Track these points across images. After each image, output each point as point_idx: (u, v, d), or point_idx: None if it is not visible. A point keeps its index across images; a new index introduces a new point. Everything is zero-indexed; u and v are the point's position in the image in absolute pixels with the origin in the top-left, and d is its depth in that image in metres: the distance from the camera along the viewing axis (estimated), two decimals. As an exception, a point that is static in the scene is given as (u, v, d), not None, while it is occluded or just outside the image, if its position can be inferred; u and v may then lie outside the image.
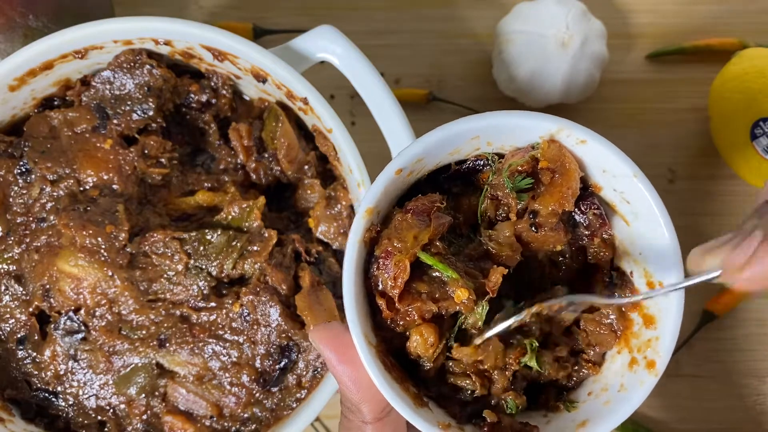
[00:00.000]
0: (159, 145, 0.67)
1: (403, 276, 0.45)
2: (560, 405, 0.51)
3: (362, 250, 0.47)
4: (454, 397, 0.49)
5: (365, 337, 0.45)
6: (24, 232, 0.65)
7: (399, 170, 0.48)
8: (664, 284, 0.49)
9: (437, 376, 0.49)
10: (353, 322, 0.45)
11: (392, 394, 0.45)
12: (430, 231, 0.47)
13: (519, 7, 0.79)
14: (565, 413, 0.51)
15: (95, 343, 0.64)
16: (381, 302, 0.46)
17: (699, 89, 0.85)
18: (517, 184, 0.49)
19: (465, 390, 0.49)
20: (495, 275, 0.47)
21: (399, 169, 0.48)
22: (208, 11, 0.86)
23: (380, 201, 0.48)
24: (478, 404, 0.49)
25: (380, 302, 0.46)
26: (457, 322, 0.48)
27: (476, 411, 0.49)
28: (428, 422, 0.46)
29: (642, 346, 0.49)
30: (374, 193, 0.47)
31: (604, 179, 0.50)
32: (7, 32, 0.68)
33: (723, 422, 0.80)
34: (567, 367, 0.51)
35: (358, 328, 0.45)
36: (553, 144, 0.49)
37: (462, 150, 0.51)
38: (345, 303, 0.46)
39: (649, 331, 0.49)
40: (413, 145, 0.48)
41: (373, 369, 0.45)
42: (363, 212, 0.47)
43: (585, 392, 0.51)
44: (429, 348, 0.46)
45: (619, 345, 0.51)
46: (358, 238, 0.47)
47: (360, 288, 0.47)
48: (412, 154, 0.48)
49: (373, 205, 0.47)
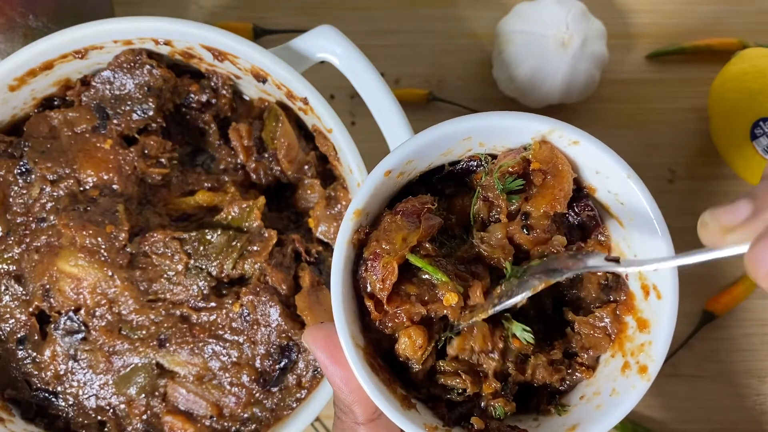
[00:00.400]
0: (159, 145, 0.67)
1: (391, 278, 0.45)
2: (551, 409, 0.51)
3: (350, 251, 0.47)
4: (442, 399, 0.49)
5: (352, 339, 0.45)
6: (24, 232, 0.65)
7: (388, 172, 0.47)
8: (659, 287, 0.48)
9: (426, 377, 0.49)
10: (340, 324, 0.45)
11: (379, 396, 0.45)
12: (419, 233, 0.46)
13: (519, 7, 0.79)
14: (556, 417, 0.50)
15: (95, 343, 0.64)
16: (369, 304, 0.46)
17: (699, 89, 0.85)
18: (507, 186, 0.48)
19: (455, 390, 0.48)
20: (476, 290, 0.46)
21: (388, 170, 0.47)
22: (208, 11, 0.86)
23: (369, 203, 0.48)
24: (466, 407, 0.49)
25: (368, 304, 0.46)
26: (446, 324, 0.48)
27: (464, 414, 0.49)
28: (415, 424, 0.45)
29: (635, 350, 0.49)
30: (363, 195, 0.47)
31: (598, 181, 0.50)
32: (7, 32, 0.68)
33: (723, 422, 0.80)
34: (561, 370, 0.50)
35: (346, 330, 0.45)
36: (544, 145, 0.48)
37: (454, 151, 0.50)
38: (333, 305, 0.45)
39: (642, 335, 0.49)
40: (402, 147, 0.48)
41: (359, 371, 0.45)
42: (351, 214, 0.47)
43: (577, 396, 0.51)
44: (417, 350, 0.46)
45: (612, 349, 0.51)
46: (346, 239, 0.47)
47: (348, 290, 0.47)
48: (401, 155, 0.47)
49: (361, 207, 0.47)
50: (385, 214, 0.48)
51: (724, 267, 0.82)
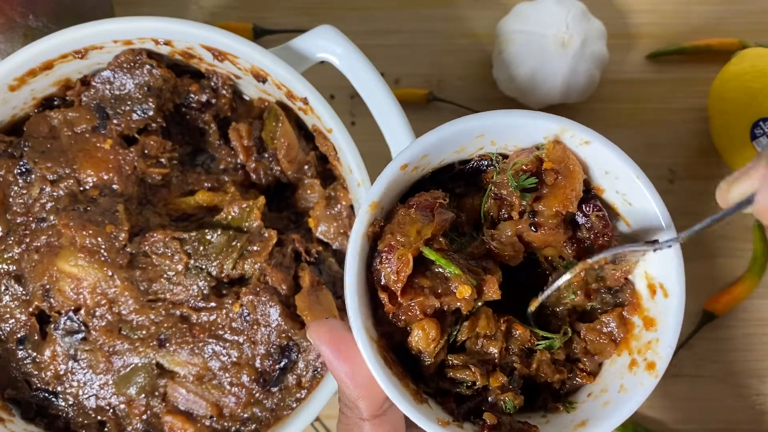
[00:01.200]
0: (159, 145, 0.67)
1: (405, 270, 0.45)
2: (559, 406, 0.51)
3: (365, 244, 0.47)
4: (451, 393, 0.49)
5: (366, 332, 0.45)
6: (24, 232, 0.65)
7: (404, 165, 0.48)
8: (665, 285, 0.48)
9: (436, 371, 0.49)
10: (355, 316, 0.45)
11: (393, 389, 0.45)
12: (433, 226, 0.47)
13: (519, 7, 0.79)
14: (564, 414, 0.51)
15: (95, 343, 0.64)
16: (383, 296, 0.46)
17: (699, 89, 0.85)
18: (521, 183, 0.49)
19: (464, 383, 0.49)
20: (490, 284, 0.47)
21: (405, 164, 0.48)
22: (208, 11, 0.86)
23: (384, 196, 0.48)
24: (474, 401, 0.49)
25: (382, 296, 0.46)
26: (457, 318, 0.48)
27: (473, 409, 0.49)
28: (428, 419, 0.46)
29: (642, 347, 0.49)
30: (379, 188, 0.47)
31: (606, 181, 0.50)
32: (7, 32, 0.68)
33: (723, 422, 0.80)
34: (563, 372, 0.51)
35: (360, 322, 0.45)
36: (558, 145, 0.49)
37: (467, 148, 0.51)
38: (347, 297, 0.46)
39: (649, 333, 0.49)
40: (419, 141, 0.48)
41: (374, 364, 0.45)
42: (367, 207, 0.47)
43: (585, 393, 0.51)
44: (431, 343, 0.46)
45: (619, 347, 0.51)
46: (361, 232, 0.47)
47: (362, 283, 0.47)
48: (418, 149, 0.48)
49: (377, 200, 0.47)
50: (399, 208, 0.49)
51: (724, 267, 0.82)
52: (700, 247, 0.83)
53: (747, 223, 0.83)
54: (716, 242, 0.83)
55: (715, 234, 0.83)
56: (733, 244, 0.83)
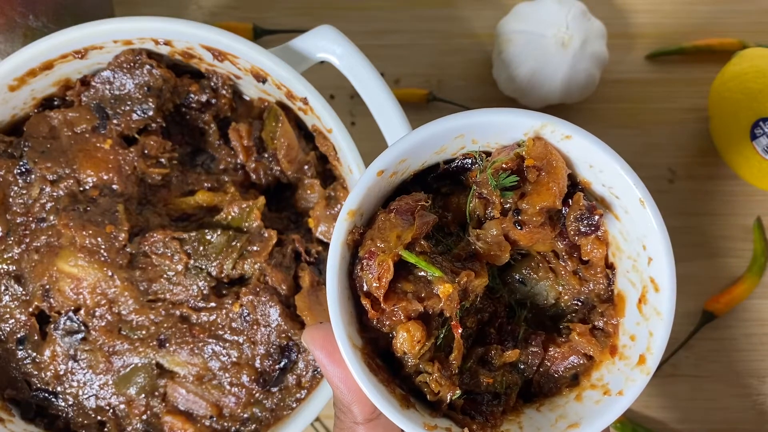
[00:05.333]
0: (159, 145, 0.67)
1: (387, 275, 0.45)
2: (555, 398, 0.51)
3: (345, 252, 0.47)
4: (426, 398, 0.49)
5: (350, 340, 0.45)
6: (24, 232, 0.65)
7: (381, 171, 0.47)
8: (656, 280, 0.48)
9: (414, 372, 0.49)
10: (337, 325, 0.45)
11: (377, 396, 0.45)
12: (413, 230, 0.46)
13: (519, 7, 0.79)
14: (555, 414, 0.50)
15: (95, 343, 0.64)
16: (366, 303, 0.46)
17: (699, 89, 0.85)
18: (501, 182, 0.48)
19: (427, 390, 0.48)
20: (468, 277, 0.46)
21: (381, 170, 0.47)
22: (208, 11, 0.86)
23: (362, 203, 0.48)
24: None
25: (365, 303, 0.46)
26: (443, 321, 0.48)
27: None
28: (414, 423, 0.45)
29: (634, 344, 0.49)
30: (355, 196, 0.47)
31: (591, 174, 0.50)
32: (7, 32, 0.68)
33: (723, 422, 0.80)
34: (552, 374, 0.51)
35: (343, 331, 0.45)
36: (538, 141, 0.49)
37: (447, 149, 0.50)
38: (329, 306, 0.46)
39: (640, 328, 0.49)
40: (394, 146, 0.48)
41: (357, 371, 0.45)
42: (344, 215, 0.47)
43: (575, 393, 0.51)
44: (416, 344, 0.46)
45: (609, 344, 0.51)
46: (340, 240, 0.47)
47: (344, 291, 0.47)
48: (393, 155, 0.47)
49: (355, 207, 0.47)
50: (379, 213, 0.48)
51: (724, 267, 0.83)
52: (700, 248, 0.83)
53: (747, 223, 0.83)
54: (716, 242, 0.83)
55: (715, 234, 0.83)
56: (733, 244, 0.83)
